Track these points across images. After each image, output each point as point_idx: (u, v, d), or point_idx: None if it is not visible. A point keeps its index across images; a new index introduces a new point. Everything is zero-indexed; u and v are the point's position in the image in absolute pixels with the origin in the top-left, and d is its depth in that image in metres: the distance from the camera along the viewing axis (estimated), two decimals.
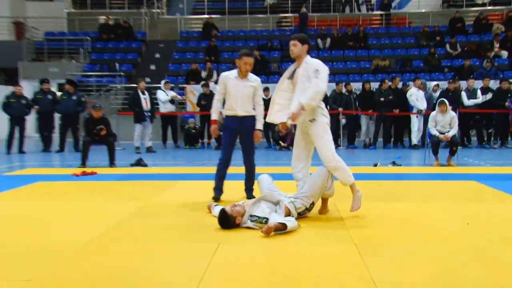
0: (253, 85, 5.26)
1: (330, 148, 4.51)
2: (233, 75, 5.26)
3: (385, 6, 19.68)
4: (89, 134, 8.58)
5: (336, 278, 3.01)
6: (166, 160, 10.03)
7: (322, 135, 4.51)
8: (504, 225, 4.31)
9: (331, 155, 4.47)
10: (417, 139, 11.90)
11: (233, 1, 21.15)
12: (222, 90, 5.29)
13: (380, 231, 4.13)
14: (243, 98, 5.21)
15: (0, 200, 5.57)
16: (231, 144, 5.38)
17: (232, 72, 5.31)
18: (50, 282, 2.98)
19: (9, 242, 3.86)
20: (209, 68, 15.51)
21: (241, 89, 5.21)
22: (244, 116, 5.26)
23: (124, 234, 4.08)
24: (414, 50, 17.40)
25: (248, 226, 4.13)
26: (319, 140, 4.52)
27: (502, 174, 7.47)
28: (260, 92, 5.40)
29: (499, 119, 11.91)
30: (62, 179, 7.21)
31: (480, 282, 2.94)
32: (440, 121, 8.62)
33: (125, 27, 19.06)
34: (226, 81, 5.24)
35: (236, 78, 5.23)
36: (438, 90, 12.48)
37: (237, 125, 5.29)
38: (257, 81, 5.32)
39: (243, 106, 5.23)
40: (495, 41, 16.43)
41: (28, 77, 17.30)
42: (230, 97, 5.26)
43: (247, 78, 5.24)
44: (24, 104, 11.66)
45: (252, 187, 5.50)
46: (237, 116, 5.26)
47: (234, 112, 5.26)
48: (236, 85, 5.21)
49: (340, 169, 4.52)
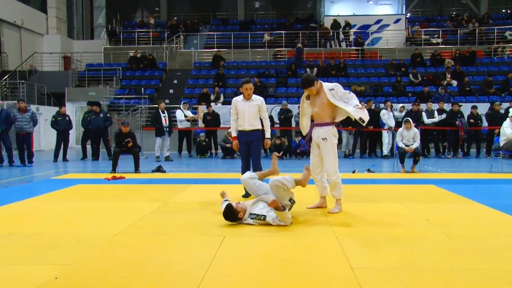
0: (257, 103, 5.37)
1: (335, 165, 4.58)
2: (240, 98, 5.42)
3: (360, 43, 19.97)
4: (118, 146, 8.58)
5: (320, 265, 3.00)
6: (181, 167, 10.01)
7: (330, 153, 4.59)
8: (457, 221, 4.29)
9: (334, 171, 4.57)
10: (387, 151, 11.88)
11: (238, 37, 21.29)
12: (234, 111, 5.44)
13: (358, 226, 4.11)
14: (249, 115, 5.31)
15: (48, 199, 5.58)
16: (245, 154, 5.45)
17: (239, 96, 5.46)
18: (87, 267, 2.97)
19: (53, 232, 3.85)
20: (217, 92, 15.55)
21: (247, 108, 5.32)
22: (250, 130, 5.35)
23: (146, 228, 4.06)
24: (384, 78, 17.46)
25: (248, 223, 4.12)
26: (327, 157, 4.59)
27: (455, 179, 7.45)
28: (265, 108, 5.47)
29: (452, 134, 11.97)
30: (97, 183, 7.20)
31: (437, 266, 2.94)
32: (405, 136, 8.63)
33: (149, 59, 19.14)
34: (236, 104, 5.41)
35: (242, 101, 5.37)
36: (403, 110, 12.51)
37: (245, 138, 5.37)
38: (260, 100, 5.42)
39: (249, 122, 5.34)
40: (447, 73, 16.58)
41: (72, 100, 17.42)
42: (239, 116, 5.39)
43: (251, 99, 5.36)
44: (68, 121, 11.70)
45: None
46: (245, 130, 5.36)
47: (243, 128, 5.38)
48: (243, 106, 5.35)
49: (336, 184, 4.61)
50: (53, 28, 23.13)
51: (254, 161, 5.49)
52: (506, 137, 8.52)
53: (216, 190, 5.46)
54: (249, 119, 5.32)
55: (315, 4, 25.88)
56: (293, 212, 4.63)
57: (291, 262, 3.03)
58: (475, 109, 11.99)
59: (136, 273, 2.84)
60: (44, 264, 3.01)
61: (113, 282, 2.69)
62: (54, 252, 3.26)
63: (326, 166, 4.59)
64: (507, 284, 2.65)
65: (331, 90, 4.58)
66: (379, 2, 22.84)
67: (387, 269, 2.88)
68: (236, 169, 5.53)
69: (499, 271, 2.86)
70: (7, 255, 3.24)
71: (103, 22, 26.70)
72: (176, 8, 26.64)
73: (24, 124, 10.18)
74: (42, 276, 2.77)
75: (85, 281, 2.70)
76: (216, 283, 2.68)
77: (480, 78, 16.85)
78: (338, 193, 4.65)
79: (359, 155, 12.24)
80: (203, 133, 12.75)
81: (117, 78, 18.41)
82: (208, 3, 26.22)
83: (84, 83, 18.68)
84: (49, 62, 21.29)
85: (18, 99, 13.22)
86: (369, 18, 21.50)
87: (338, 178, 4.60)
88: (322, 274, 2.81)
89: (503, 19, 22.78)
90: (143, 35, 21.86)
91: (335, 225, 4.13)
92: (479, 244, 3.44)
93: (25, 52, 21.34)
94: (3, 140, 10.04)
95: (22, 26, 21.23)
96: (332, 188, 4.64)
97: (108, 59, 20.71)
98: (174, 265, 2.98)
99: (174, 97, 16.87)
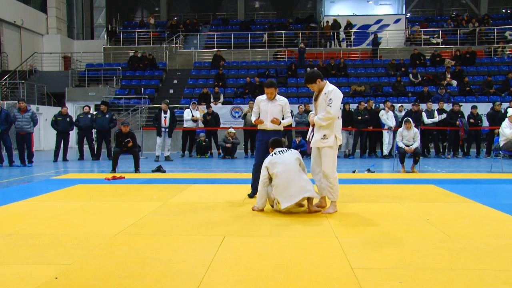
0: (281, 104, 5.37)
1: (332, 167, 4.58)
2: (264, 97, 5.42)
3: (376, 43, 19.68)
4: (118, 146, 8.57)
5: (320, 265, 3.00)
6: (181, 167, 10.01)
7: (328, 155, 4.58)
8: (457, 221, 4.29)
9: (332, 172, 4.57)
10: (387, 151, 11.88)
11: (238, 37, 21.30)
12: (256, 110, 5.46)
13: (358, 226, 4.11)
14: (272, 115, 5.28)
15: (48, 199, 5.58)
16: (263, 152, 5.37)
17: (263, 95, 5.45)
18: (87, 267, 2.96)
19: (53, 232, 3.85)
20: (217, 92, 15.55)
21: (270, 108, 5.32)
22: (272, 130, 5.31)
23: (146, 228, 4.06)
24: (384, 78, 17.46)
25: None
26: (325, 158, 4.59)
27: (455, 179, 7.45)
28: (288, 109, 5.45)
29: (452, 134, 11.95)
30: (97, 183, 7.19)
31: (437, 266, 2.94)
32: (405, 136, 8.63)
33: (149, 59, 19.14)
34: (259, 103, 5.42)
35: (266, 100, 5.37)
36: (403, 110, 12.53)
37: (266, 137, 5.31)
38: (284, 101, 5.41)
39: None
40: (447, 73, 16.57)
41: (72, 100, 17.40)
42: (261, 115, 5.38)
43: (275, 99, 5.36)
44: (68, 122, 11.67)
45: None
46: (266, 130, 5.33)
47: (264, 126, 5.34)
48: (266, 105, 5.35)
49: (333, 186, 4.59)
50: (53, 28, 23.16)
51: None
52: (505, 137, 8.53)
53: (216, 190, 5.46)
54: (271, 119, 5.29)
55: (315, 4, 25.90)
56: (293, 212, 4.63)
57: (291, 262, 3.02)
58: (475, 109, 12.00)
59: (136, 273, 2.84)
60: (44, 264, 3.01)
61: (113, 282, 2.68)
62: (54, 252, 3.26)
63: (323, 166, 4.58)
64: (507, 284, 2.66)
65: (325, 93, 4.57)
66: (379, 2, 22.87)
67: (387, 269, 2.88)
68: (236, 169, 5.51)
69: (499, 271, 2.86)
70: (7, 255, 3.24)
71: (103, 22, 26.72)
72: (176, 8, 26.65)
73: (24, 124, 10.17)
74: (42, 276, 2.77)
75: (85, 281, 2.70)
76: (216, 283, 2.68)
77: (480, 78, 16.86)
78: (333, 196, 4.62)
79: (359, 155, 12.24)
80: (203, 133, 12.76)
81: (117, 78, 18.42)
82: (208, 3, 26.24)
83: (84, 83, 18.68)
84: (49, 62, 21.32)
85: (18, 99, 13.22)
86: (369, 18, 21.52)
87: (335, 180, 4.58)
88: (322, 274, 2.81)
89: (503, 19, 22.80)
90: (143, 35, 21.87)
91: (335, 225, 4.12)
92: (479, 244, 3.44)
93: (25, 52, 21.37)
94: (3, 140, 10.04)
95: (22, 26, 21.25)
96: (328, 190, 4.61)
97: (108, 59, 20.73)
98: (174, 265, 2.98)
99: (174, 97, 16.88)
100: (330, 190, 4.59)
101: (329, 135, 4.56)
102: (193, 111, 12.70)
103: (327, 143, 4.56)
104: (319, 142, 4.60)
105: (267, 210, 4.74)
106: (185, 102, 15.69)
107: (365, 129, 11.90)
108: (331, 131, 4.56)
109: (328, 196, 4.65)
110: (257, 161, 5.41)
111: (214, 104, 14.65)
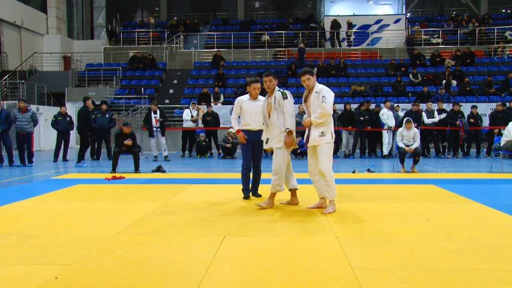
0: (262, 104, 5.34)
1: (328, 165, 4.61)
2: (245, 98, 5.36)
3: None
4: (118, 146, 8.57)
5: (320, 265, 3.00)
6: (181, 167, 10.01)
7: (325, 153, 4.61)
8: (457, 221, 4.29)
9: (328, 170, 4.59)
10: (387, 151, 11.88)
11: (238, 37, 21.30)
12: (237, 111, 5.40)
13: (357, 226, 4.11)
14: (256, 115, 5.26)
15: (48, 199, 5.58)
16: (249, 153, 5.38)
17: (244, 96, 5.41)
18: (87, 267, 2.96)
19: (53, 232, 3.85)
20: (217, 92, 15.55)
21: (254, 108, 5.28)
22: (257, 130, 5.29)
23: (146, 227, 4.06)
24: (384, 78, 17.46)
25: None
26: (322, 156, 4.61)
27: (455, 179, 7.46)
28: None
29: (452, 134, 11.95)
30: (97, 183, 7.20)
31: (437, 266, 2.94)
32: (405, 136, 8.63)
33: (149, 59, 19.14)
34: (241, 104, 5.35)
35: (249, 100, 5.33)
36: (399, 110, 12.65)
37: (251, 138, 5.31)
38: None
39: (256, 122, 5.29)
40: (447, 72, 16.56)
41: (72, 100, 17.34)
42: (245, 115, 5.33)
43: (257, 99, 5.34)
44: (68, 122, 11.62)
45: (257, 188, 5.54)
46: (251, 130, 5.31)
47: (250, 127, 5.31)
48: (249, 105, 5.30)
49: (330, 185, 4.61)
50: (53, 28, 23.16)
51: (256, 162, 5.46)
52: (509, 138, 8.49)
53: (216, 190, 5.46)
54: (256, 119, 5.28)
55: (315, 4, 25.91)
56: (293, 212, 4.64)
57: (291, 262, 3.02)
58: (475, 109, 11.99)
59: (136, 273, 2.84)
60: (44, 264, 3.01)
61: (113, 282, 2.68)
62: (54, 252, 3.26)
63: (320, 164, 4.60)
64: (507, 284, 2.65)
65: (317, 92, 4.60)
66: (379, 2, 22.87)
67: (387, 269, 2.88)
68: (236, 169, 5.51)
69: (499, 271, 2.86)
70: (7, 255, 3.24)
71: (103, 22, 26.73)
72: (176, 8, 26.66)
73: (24, 124, 10.17)
74: (42, 276, 2.77)
75: (85, 281, 2.70)
76: (216, 283, 2.68)
77: (480, 78, 16.86)
78: (331, 195, 4.63)
79: (359, 155, 12.24)
80: (203, 133, 12.76)
81: (117, 78, 18.42)
82: (208, 3, 26.24)
83: (84, 83, 18.69)
84: (49, 62, 21.32)
85: (18, 99, 13.21)
86: (369, 18, 21.52)
87: (332, 178, 4.61)
88: (322, 274, 2.80)
89: (503, 19, 22.80)
90: (143, 35, 21.87)
91: (335, 224, 4.12)
92: (479, 244, 3.44)
93: (25, 52, 21.36)
94: (3, 140, 10.04)
95: (22, 26, 21.25)
96: (325, 189, 4.63)
97: (108, 59, 20.72)
98: (174, 265, 2.98)
99: (174, 97, 16.88)
100: (327, 189, 4.62)
101: (326, 131, 4.61)
102: (192, 111, 12.70)
103: (325, 139, 4.60)
104: (318, 139, 4.62)
105: (267, 210, 4.75)
106: (185, 102, 15.70)
107: (365, 129, 11.91)
108: (328, 128, 4.62)
109: (326, 195, 4.67)
110: (245, 162, 5.40)
111: (214, 104, 14.65)
